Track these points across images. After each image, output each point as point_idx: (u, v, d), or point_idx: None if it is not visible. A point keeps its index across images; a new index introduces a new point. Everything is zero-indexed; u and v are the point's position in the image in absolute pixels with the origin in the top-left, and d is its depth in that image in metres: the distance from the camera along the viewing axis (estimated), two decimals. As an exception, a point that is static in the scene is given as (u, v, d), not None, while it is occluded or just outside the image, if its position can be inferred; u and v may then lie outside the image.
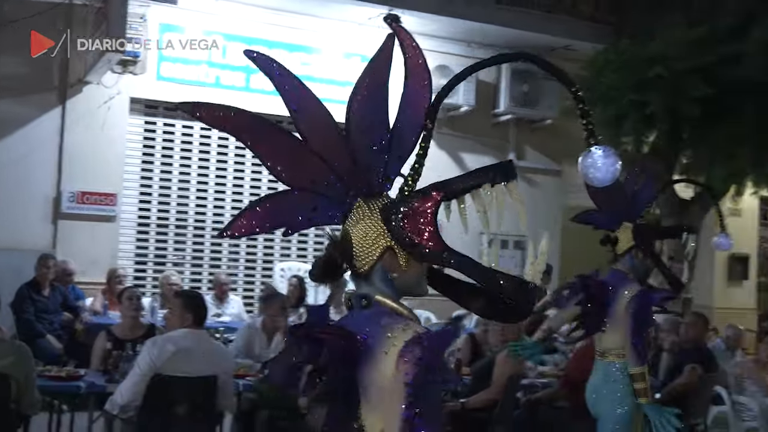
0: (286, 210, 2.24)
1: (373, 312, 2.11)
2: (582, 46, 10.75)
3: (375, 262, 2.13)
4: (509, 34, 11.01)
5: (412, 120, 2.20)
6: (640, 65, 8.82)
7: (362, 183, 2.19)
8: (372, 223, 2.14)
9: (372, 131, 2.21)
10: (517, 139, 11.70)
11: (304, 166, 2.19)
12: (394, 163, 2.23)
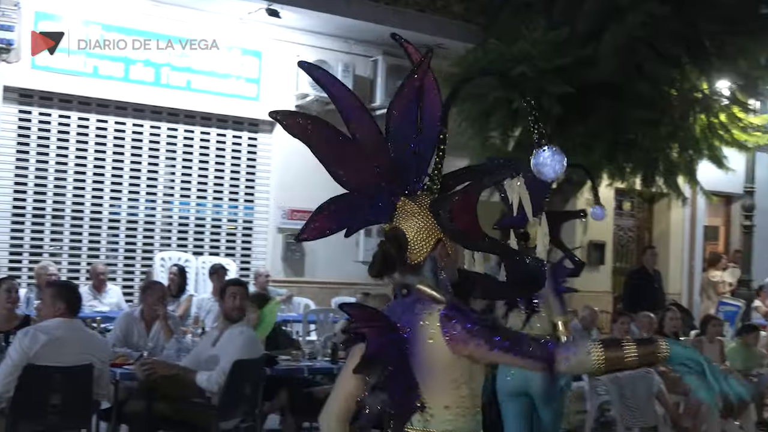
0: (347, 212, 2.45)
1: (411, 300, 2.32)
2: (453, 45, 10.95)
3: (428, 253, 2.34)
4: (386, 31, 11.08)
5: (431, 126, 2.43)
6: (506, 64, 9.06)
7: (402, 183, 2.41)
8: (423, 219, 2.35)
9: (408, 138, 2.42)
10: (393, 132, 11.82)
11: (359, 170, 2.40)
12: (424, 164, 2.44)
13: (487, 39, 10.00)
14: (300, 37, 11.04)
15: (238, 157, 11.16)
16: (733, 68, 10.13)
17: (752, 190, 12.16)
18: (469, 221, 2.36)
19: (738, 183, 12.38)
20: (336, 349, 6.97)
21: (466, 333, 2.21)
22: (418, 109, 2.42)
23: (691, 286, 14.79)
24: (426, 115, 2.43)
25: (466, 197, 2.38)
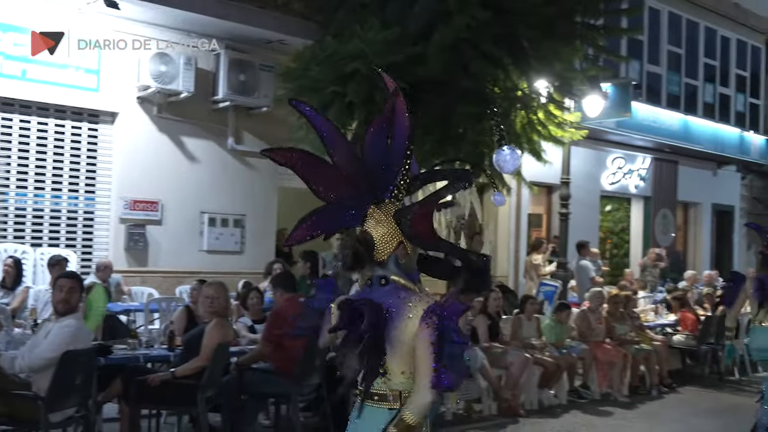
0: (325, 220, 2.84)
1: (390, 288, 2.76)
2: (293, 41, 10.91)
3: (391, 253, 2.79)
4: (227, 25, 10.91)
5: (400, 144, 2.79)
6: (341, 60, 9.09)
7: (372, 194, 2.81)
8: (388, 225, 2.78)
9: (379, 156, 2.80)
10: (235, 124, 11.60)
11: (336, 186, 2.81)
12: (392, 176, 2.82)
13: (325, 36, 9.99)
14: (142, 29, 10.63)
15: (78, 148, 10.62)
16: (549, 69, 10.56)
17: (568, 181, 12.75)
18: (426, 227, 2.78)
19: (556, 174, 12.96)
20: (172, 336, 6.80)
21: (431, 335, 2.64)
22: (389, 130, 2.81)
23: (516, 269, 15.41)
24: (396, 134, 2.81)
25: (425, 207, 2.79)
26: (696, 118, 18.54)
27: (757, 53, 20.69)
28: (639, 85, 16.67)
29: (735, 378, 11.90)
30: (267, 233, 12.03)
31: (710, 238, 20.65)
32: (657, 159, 18.32)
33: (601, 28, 11.42)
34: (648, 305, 12.86)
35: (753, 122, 20.40)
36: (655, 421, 8.85)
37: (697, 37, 18.81)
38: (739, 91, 20.07)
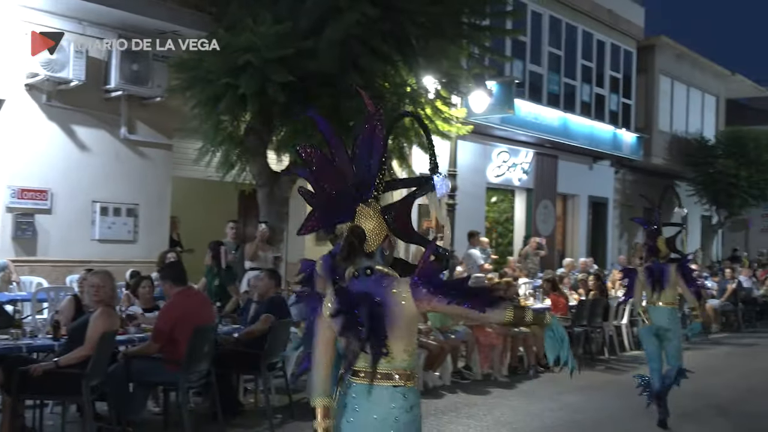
0: (325, 215, 3.12)
1: (375, 278, 3.00)
2: (188, 32, 10.62)
3: (379, 245, 3.04)
4: (120, 15, 10.55)
5: (377, 154, 3.09)
6: (234, 53, 8.94)
7: (359, 193, 3.08)
8: (377, 221, 3.05)
9: (364, 162, 3.09)
10: (128, 114, 11.22)
11: (337, 185, 3.07)
12: (373, 180, 3.10)
13: (218, 29, 9.80)
14: (32, 15, 10.14)
15: (-37, 136, 10.06)
16: (437, 67, 10.71)
17: (455, 174, 12.97)
18: (405, 223, 3.17)
19: (444, 167, 13.15)
20: (57, 326, 6.53)
21: (428, 293, 2.95)
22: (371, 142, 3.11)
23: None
24: (375, 145, 3.11)
25: (402, 207, 3.17)
26: (574, 116, 19.16)
27: (629, 57, 21.55)
28: (522, 84, 17.09)
29: (605, 357, 12.39)
30: (161, 222, 11.72)
31: (586, 227, 21.41)
32: (538, 153, 18.84)
33: (486, 28, 11.67)
34: (528, 291, 13.23)
35: (625, 120, 21.24)
36: (531, 399, 9.10)
37: (576, 40, 19.44)
38: (612, 92, 20.86)
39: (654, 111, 22.90)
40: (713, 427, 8.08)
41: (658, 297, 7.87)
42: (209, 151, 10.43)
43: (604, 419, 8.28)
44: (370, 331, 2.90)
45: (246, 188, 11.52)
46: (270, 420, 7.20)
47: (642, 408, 8.34)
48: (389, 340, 2.94)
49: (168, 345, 6.42)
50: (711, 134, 25.15)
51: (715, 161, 23.31)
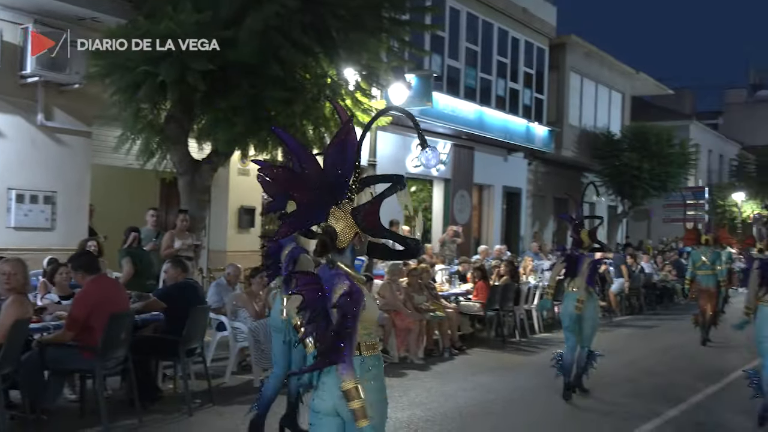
0: (300, 219, 3.39)
1: (334, 272, 3.33)
2: (107, 19, 10.29)
3: (350, 242, 3.37)
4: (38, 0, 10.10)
5: (350, 159, 3.34)
6: (153, 40, 8.68)
7: (333, 197, 3.35)
8: (347, 220, 3.34)
9: (337, 167, 3.32)
10: (45, 100, 10.76)
11: (307, 192, 3.31)
12: (346, 183, 3.36)
13: (138, 16, 9.49)
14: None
15: None
16: (357, 59, 10.65)
17: (375, 164, 12.95)
18: (374, 220, 3.37)
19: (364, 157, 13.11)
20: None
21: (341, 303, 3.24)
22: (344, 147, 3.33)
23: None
24: (348, 151, 3.33)
25: (372, 206, 3.37)
26: (489, 109, 19.43)
27: (542, 54, 21.97)
28: (440, 78, 17.22)
29: (516, 340, 12.65)
30: (79, 210, 11.31)
31: (501, 216, 21.78)
32: (456, 145, 19.03)
33: (406, 23, 11.67)
34: (444, 277, 13.37)
35: (537, 114, 21.67)
36: (445, 380, 9.21)
37: (492, 37, 19.69)
38: (526, 87, 21.23)
39: (564, 106, 23.44)
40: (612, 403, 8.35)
41: (572, 283, 8.33)
42: (129, 139, 10.12)
43: (515, 398, 8.46)
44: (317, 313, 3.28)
45: (167, 176, 11.25)
46: (189, 405, 7.08)
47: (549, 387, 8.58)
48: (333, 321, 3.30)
49: (83, 332, 6.22)
50: (617, 129, 25.92)
51: (621, 154, 24.03)
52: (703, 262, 13.50)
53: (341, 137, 3.34)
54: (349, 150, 3.33)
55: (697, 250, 13.80)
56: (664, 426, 7.45)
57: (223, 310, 8.97)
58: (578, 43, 23.57)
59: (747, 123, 49.88)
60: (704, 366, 11.06)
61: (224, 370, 8.67)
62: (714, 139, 39.29)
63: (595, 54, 24.69)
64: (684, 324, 16.04)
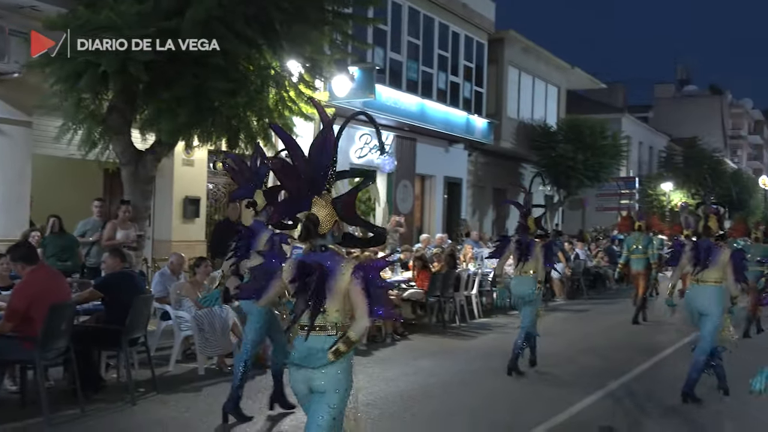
0: (288, 207, 3.86)
1: (327, 253, 3.70)
2: (46, 8, 9.98)
3: (330, 228, 3.70)
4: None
5: (328, 156, 3.70)
6: (94, 30, 8.44)
7: (315, 188, 3.69)
8: (329, 209, 3.69)
9: (318, 163, 3.69)
10: (-17, 89, 10.42)
11: (294, 182, 3.73)
12: (325, 177, 3.70)
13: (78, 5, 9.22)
14: None
15: None
16: (300, 51, 10.56)
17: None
18: (351, 210, 3.77)
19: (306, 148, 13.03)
20: None
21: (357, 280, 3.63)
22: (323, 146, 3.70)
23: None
24: (326, 148, 3.71)
25: (349, 198, 3.76)
26: (431, 102, 19.50)
27: (481, 48, 22.14)
28: (382, 70, 17.20)
29: (456, 325, 12.77)
30: (20, 201, 10.97)
31: (442, 206, 21.91)
32: (398, 136, 19.06)
33: (348, 16, 11.60)
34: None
35: (477, 107, 21.84)
36: (388, 365, 9.23)
37: (433, 31, 19.75)
38: (466, 80, 21.38)
39: (503, 99, 23.67)
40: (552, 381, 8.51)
41: (521, 267, 8.76)
42: (70, 129, 9.85)
43: (455, 381, 8.53)
44: (314, 294, 3.60)
45: (110, 167, 10.98)
46: (132, 394, 6.94)
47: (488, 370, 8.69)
48: (327, 301, 3.64)
49: (23, 323, 6.03)
50: (553, 121, 26.31)
51: (556, 146, 24.39)
52: (636, 247, 14.16)
53: (323, 137, 3.74)
54: (328, 148, 3.71)
55: (631, 236, 14.49)
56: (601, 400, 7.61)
57: (167, 299, 8.82)
58: (516, 38, 23.82)
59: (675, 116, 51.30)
60: (638, 344, 11.45)
61: (169, 359, 8.54)
62: (644, 132, 40.25)
63: (532, 49, 24.99)
64: (616, 307, 16.49)
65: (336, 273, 3.62)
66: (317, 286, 3.58)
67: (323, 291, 3.59)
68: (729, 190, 37.70)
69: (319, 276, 3.58)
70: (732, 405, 7.57)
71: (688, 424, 7.03)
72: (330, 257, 3.68)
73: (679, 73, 64.16)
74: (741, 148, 67.31)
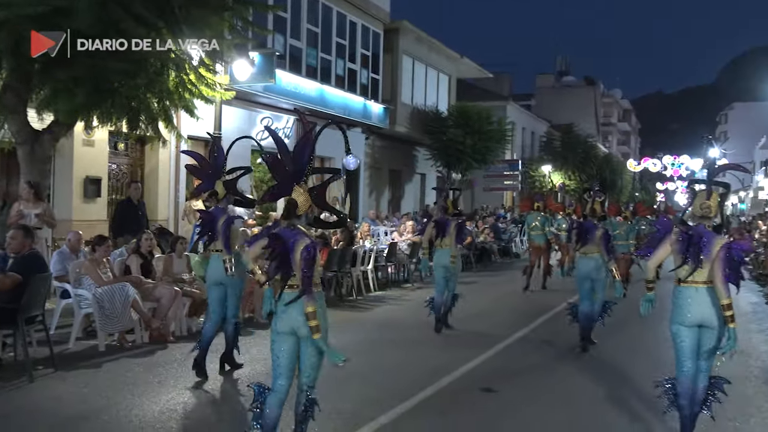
0: (277, 191, 4.48)
1: (295, 231, 4.34)
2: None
3: (305, 211, 4.40)
4: None
5: (307, 152, 4.43)
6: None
7: (296, 178, 4.38)
8: (305, 196, 4.38)
9: (300, 158, 4.40)
10: None
11: (281, 173, 4.42)
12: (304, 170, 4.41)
13: (-32, -18, 8.58)
14: None
15: None
16: (200, 36, 10.23)
17: (219, 136, 12.58)
18: (323, 198, 4.45)
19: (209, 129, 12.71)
20: None
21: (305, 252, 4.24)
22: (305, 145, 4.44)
23: (176, 213, 14.96)
24: (307, 148, 4.43)
25: (321, 188, 4.47)
26: (330, 87, 19.39)
27: (377, 37, 22.16)
28: (282, 56, 16.95)
29: (353, 298, 12.85)
30: None
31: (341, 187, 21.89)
32: (299, 120, 18.85)
33: (248, 2, 11.33)
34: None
35: (374, 93, 21.88)
36: (287, 337, 9.19)
37: (331, 20, 19.60)
38: (363, 67, 21.37)
39: (398, 86, 23.83)
40: (438, 347, 8.71)
41: (440, 242, 9.70)
42: (-37, 108, 9.22)
43: (350, 350, 8.29)
44: (278, 262, 4.28)
45: (5, 146, 10.36)
46: (29, 372, 6.61)
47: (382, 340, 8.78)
48: (293, 267, 4.27)
49: None
50: (444, 108, 26.71)
51: (447, 130, 24.78)
52: (535, 225, 15.25)
53: (305, 138, 4.46)
54: (308, 148, 4.43)
55: (531, 215, 15.55)
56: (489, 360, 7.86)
57: (67, 278, 8.44)
58: (410, 28, 23.96)
59: (554, 104, 53.20)
60: (534, 305, 12.39)
61: (68, 337, 8.18)
62: (527, 118, 41.50)
63: (425, 39, 25.22)
64: (501, 279, 17.06)
65: (296, 248, 4.26)
66: (282, 258, 4.26)
67: (288, 261, 4.26)
68: (602, 172, 39.52)
69: (283, 251, 4.25)
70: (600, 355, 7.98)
71: (566, 379, 7.37)
72: (295, 234, 4.32)
73: (559, 64, 66.52)
74: (611, 134, 70.63)
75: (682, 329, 5.12)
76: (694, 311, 5.05)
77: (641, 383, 7.02)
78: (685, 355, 5.16)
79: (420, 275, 15.64)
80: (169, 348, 8.22)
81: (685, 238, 5.04)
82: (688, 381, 5.19)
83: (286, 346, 4.42)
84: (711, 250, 4.96)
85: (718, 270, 4.90)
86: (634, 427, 5.90)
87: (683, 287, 5.10)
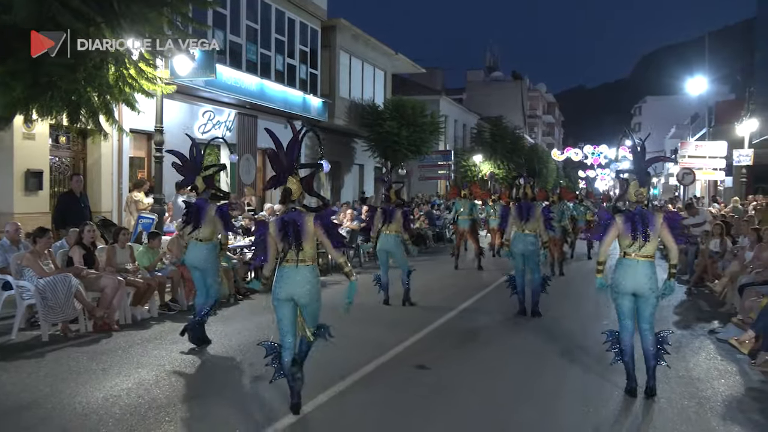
0: (276, 181, 5.32)
1: (297, 213, 5.26)
2: None
3: (298, 196, 5.27)
4: None
5: (296, 150, 5.24)
6: None
7: (288, 169, 5.23)
8: (298, 184, 5.25)
9: (291, 154, 5.24)
10: None
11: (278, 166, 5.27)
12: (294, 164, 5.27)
13: None
14: None
15: None
16: (139, 31, 9.95)
17: (161, 129, 12.31)
18: (310, 187, 5.30)
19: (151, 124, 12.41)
20: None
21: (319, 224, 5.23)
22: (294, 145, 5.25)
23: (119, 205, 14.56)
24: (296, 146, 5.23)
25: (309, 178, 5.31)
26: (270, 82, 19.13)
27: (315, 34, 21.97)
28: (223, 52, 16.63)
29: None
30: None
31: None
32: (240, 113, 18.57)
33: (187, -1, 11.07)
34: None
35: (312, 88, 21.70)
36: (228, 322, 9.10)
37: (270, 16, 19.32)
38: (302, 63, 21.15)
39: (336, 81, 23.70)
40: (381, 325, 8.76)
41: (386, 228, 10.33)
42: None
43: None
44: (294, 238, 5.15)
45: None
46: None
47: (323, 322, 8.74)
48: (303, 243, 5.16)
49: None
50: (380, 101, 26.72)
51: (383, 123, 24.81)
52: (462, 210, 15.91)
53: (294, 139, 5.23)
54: (296, 147, 5.25)
55: (459, 201, 16.20)
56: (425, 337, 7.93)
57: (8, 270, 8.13)
58: (346, 26, 23.84)
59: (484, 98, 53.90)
60: (471, 282, 13.03)
61: (12, 329, 7.89)
62: (459, 111, 41.93)
63: (361, 36, 25.14)
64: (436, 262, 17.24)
65: (304, 223, 5.17)
66: (295, 233, 5.13)
67: (300, 235, 5.13)
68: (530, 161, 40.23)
69: (295, 227, 5.14)
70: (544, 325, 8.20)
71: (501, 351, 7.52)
72: (298, 214, 5.24)
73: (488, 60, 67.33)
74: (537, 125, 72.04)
75: (619, 295, 5.84)
76: (629, 280, 5.75)
77: (587, 343, 7.23)
78: (624, 314, 5.90)
79: (359, 260, 15.72)
80: (114, 336, 8.02)
81: (631, 219, 5.74)
82: (629, 337, 5.90)
83: (286, 310, 5.29)
84: (655, 224, 5.73)
85: (668, 235, 5.74)
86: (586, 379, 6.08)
87: (627, 259, 5.80)
